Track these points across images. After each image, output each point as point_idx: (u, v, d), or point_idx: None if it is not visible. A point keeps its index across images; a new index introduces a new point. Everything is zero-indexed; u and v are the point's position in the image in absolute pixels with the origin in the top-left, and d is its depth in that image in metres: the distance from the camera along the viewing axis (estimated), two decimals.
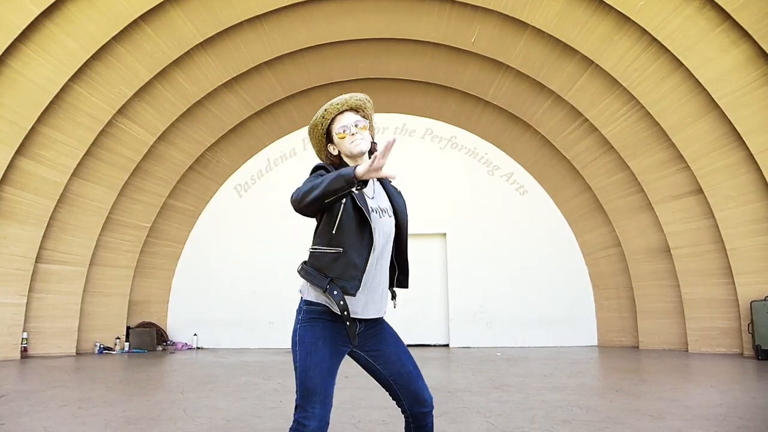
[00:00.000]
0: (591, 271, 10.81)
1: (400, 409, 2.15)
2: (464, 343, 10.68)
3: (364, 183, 1.78)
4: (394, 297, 2.27)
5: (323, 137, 2.21)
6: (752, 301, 7.96)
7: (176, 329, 11.08)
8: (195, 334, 10.89)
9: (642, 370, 7.12)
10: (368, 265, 1.99)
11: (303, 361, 1.97)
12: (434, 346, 10.83)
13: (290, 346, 2.07)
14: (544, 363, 7.84)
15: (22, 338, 8.53)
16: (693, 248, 8.84)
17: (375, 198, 2.13)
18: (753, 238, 8.04)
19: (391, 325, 2.25)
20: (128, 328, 10.30)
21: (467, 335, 10.73)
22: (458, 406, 4.65)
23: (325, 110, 2.16)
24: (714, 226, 8.47)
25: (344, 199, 1.95)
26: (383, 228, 2.07)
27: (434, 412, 2.27)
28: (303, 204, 1.83)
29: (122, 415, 4.36)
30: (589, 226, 10.73)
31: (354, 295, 1.96)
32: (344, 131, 2.11)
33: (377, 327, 2.14)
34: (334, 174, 1.78)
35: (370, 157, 2.16)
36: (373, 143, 2.22)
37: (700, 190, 8.49)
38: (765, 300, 7.84)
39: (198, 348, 10.83)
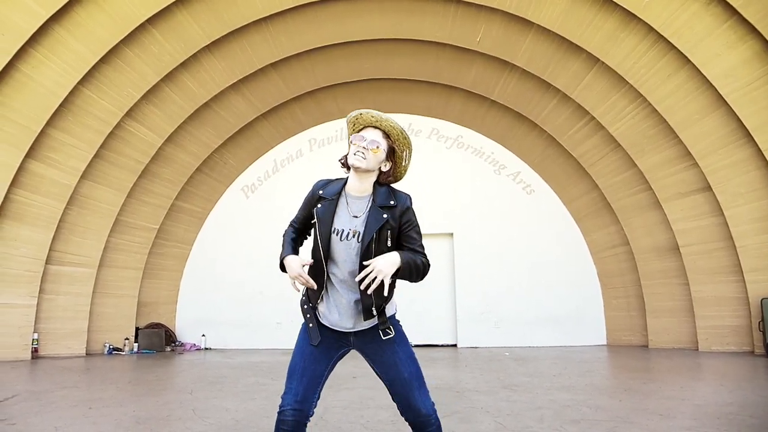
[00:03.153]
0: (599, 269, 10.77)
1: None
2: (472, 343, 10.66)
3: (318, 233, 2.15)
4: (370, 318, 2.13)
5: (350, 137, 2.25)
6: (763, 299, 7.90)
7: (184, 330, 11.14)
8: (203, 335, 10.94)
9: (651, 369, 7.09)
10: (326, 283, 2.16)
11: (293, 349, 2.19)
12: (442, 346, 10.82)
13: None
14: (553, 362, 7.82)
15: (33, 339, 8.60)
16: (702, 246, 8.79)
17: (359, 218, 2.14)
18: (763, 235, 7.98)
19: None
20: (137, 329, 10.37)
21: (475, 335, 10.71)
22: (467, 406, 4.65)
23: (361, 114, 2.17)
24: (723, 223, 8.42)
25: (315, 222, 2.17)
26: (341, 250, 2.12)
27: (443, 412, 2.28)
28: None
29: (132, 415, 4.40)
30: (596, 224, 10.68)
31: (314, 305, 2.19)
32: (356, 141, 2.13)
33: (376, 332, 2.17)
34: (281, 254, 2.21)
35: (379, 176, 2.20)
36: (389, 176, 2.21)
37: (709, 188, 8.43)
38: None
39: (206, 349, 10.88)
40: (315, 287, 2.11)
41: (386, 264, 1.97)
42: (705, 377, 6.33)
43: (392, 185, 2.24)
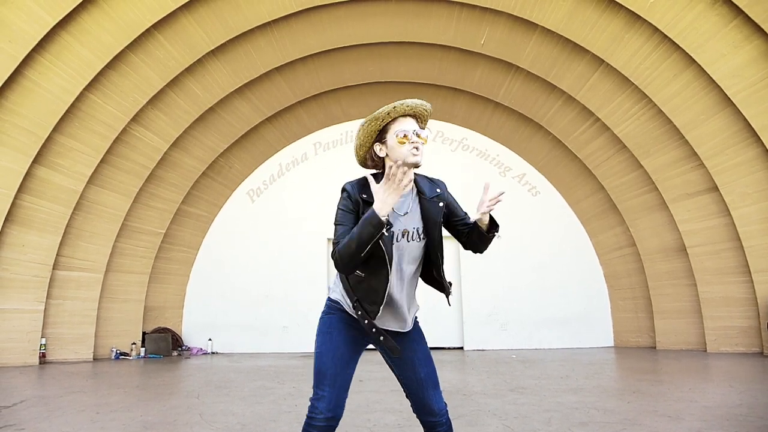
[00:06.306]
0: (606, 271, 10.73)
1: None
2: (479, 346, 10.63)
3: (388, 223, 1.87)
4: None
5: (375, 134, 2.10)
6: None
7: (191, 334, 11.16)
8: (210, 339, 10.95)
9: (660, 370, 7.04)
10: (388, 290, 2.03)
11: (318, 347, 2.10)
12: (448, 348, 10.80)
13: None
14: (560, 364, 7.79)
15: (41, 344, 8.64)
16: (709, 246, 8.74)
17: (409, 214, 2.08)
18: None
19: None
20: (144, 333, 10.39)
21: (481, 337, 10.69)
22: (474, 408, 4.63)
23: (394, 107, 2.05)
24: (730, 223, 8.37)
25: None
26: (407, 254, 2.07)
27: (450, 415, 2.27)
28: (347, 267, 1.92)
29: (140, 419, 4.40)
30: (602, 226, 10.64)
31: (374, 318, 2.03)
32: (405, 136, 2.03)
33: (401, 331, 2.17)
34: (361, 225, 1.85)
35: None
36: None
37: (716, 188, 8.39)
38: None
39: (213, 353, 10.90)
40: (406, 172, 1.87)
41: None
42: (714, 379, 6.29)
43: (420, 174, 2.21)
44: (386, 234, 1.91)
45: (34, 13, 7.02)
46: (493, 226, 2.17)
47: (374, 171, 2.17)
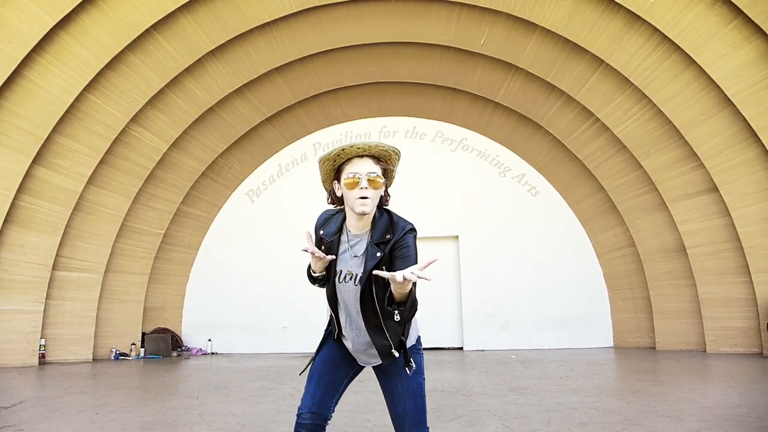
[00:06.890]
0: (605, 271, 10.72)
1: None
2: (478, 346, 10.63)
3: (325, 275, 2.03)
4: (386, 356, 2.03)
5: (332, 172, 2.04)
6: None
7: (190, 335, 11.16)
8: (209, 340, 10.95)
9: (659, 371, 7.04)
10: (341, 321, 2.11)
11: (315, 353, 2.21)
12: (448, 349, 10.80)
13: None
14: (560, 365, 7.79)
15: (40, 345, 8.63)
16: (709, 247, 8.74)
17: (359, 258, 1.98)
18: None
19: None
20: (143, 334, 10.38)
21: (481, 338, 10.68)
22: (473, 409, 4.63)
23: (343, 149, 1.95)
24: (730, 224, 8.37)
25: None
26: (344, 294, 2.04)
27: (450, 416, 2.27)
28: (314, 286, 2.15)
29: (139, 420, 4.40)
30: (602, 226, 10.64)
31: (336, 338, 2.17)
32: (355, 178, 1.92)
33: (386, 362, 2.11)
34: (309, 268, 2.04)
35: (378, 211, 2.00)
36: (387, 197, 2.05)
37: (715, 188, 8.39)
38: None
39: (212, 353, 10.89)
40: (326, 258, 1.93)
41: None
42: (713, 379, 6.29)
43: (393, 213, 2.04)
44: (318, 284, 2.09)
45: (33, 13, 7.01)
46: (405, 303, 1.80)
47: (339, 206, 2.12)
